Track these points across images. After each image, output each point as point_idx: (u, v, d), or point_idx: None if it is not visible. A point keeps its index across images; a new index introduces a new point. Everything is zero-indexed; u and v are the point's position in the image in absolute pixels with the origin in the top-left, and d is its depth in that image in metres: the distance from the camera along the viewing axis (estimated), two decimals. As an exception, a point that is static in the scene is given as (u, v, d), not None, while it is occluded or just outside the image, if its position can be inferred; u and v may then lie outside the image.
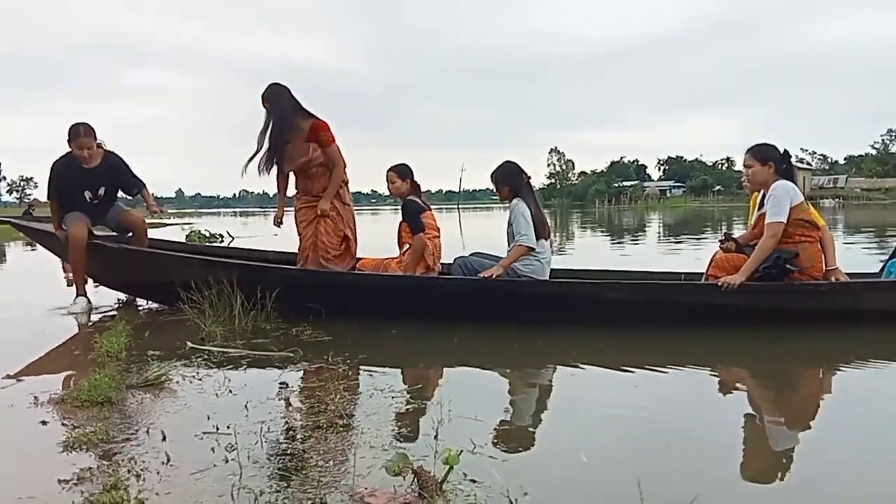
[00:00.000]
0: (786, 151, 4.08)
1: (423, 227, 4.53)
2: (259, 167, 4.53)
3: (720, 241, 4.35)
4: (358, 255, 4.88)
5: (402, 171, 4.75)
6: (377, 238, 5.01)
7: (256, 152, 4.54)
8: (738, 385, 3.14)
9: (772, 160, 3.98)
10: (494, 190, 4.55)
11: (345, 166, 4.69)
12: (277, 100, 4.52)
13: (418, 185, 4.79)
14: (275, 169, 4.62)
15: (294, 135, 4.50)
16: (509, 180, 4.44)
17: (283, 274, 4.50)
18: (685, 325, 3.93)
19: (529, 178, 4.49)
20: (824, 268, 3.94)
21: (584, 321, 3.99)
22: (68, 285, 6.38)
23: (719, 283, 3.81)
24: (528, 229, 4.22)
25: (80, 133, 4.86)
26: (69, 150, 4.89)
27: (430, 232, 4.60)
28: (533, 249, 4.23)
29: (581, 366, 3.26)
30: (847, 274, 4.05)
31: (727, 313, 3.88)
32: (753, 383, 3.17)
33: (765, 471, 2.07)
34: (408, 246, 4.57)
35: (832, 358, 3.51)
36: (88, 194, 4.98)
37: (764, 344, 3.74)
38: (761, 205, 4.07)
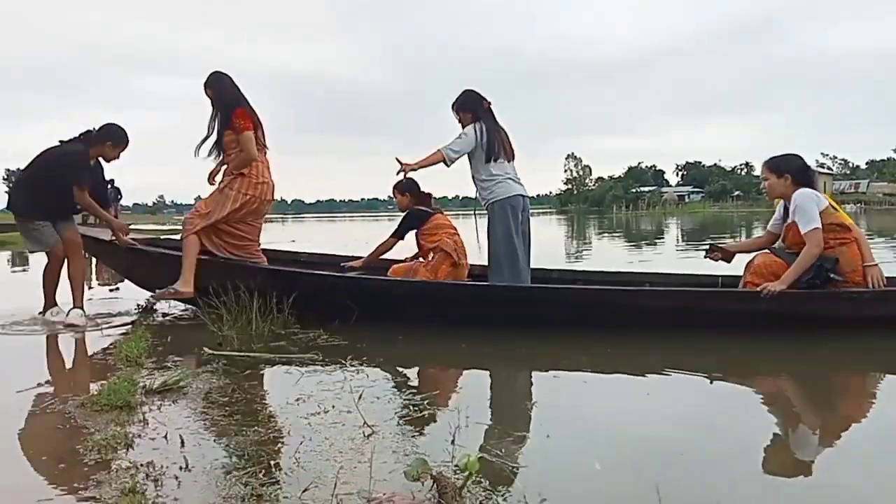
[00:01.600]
0: (802, 165, 4.03)
1: (403, 235, 4.84)
2: (201, 150, 4.62)
3: (705, 251, 4.34)
4: (386, 258, 4.99)
5: (401, 188, 4.97)
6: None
7: (206, 137, 4.61)
8: (755, 390, 3.09)
9: (787, 172, 3.95)
10: (457, 120, 4.60)
11: (254, 161, 4.47)
12: (220, 87, 4.54)
13: (425, 195, 4.98)
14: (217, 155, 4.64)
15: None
16: (471, 107, 4.54)
17: (318, 279, 4.52)
18: (722, 332, 3.82)
19: (490, 103, 4.56)
20: (863, 262, 3.83)
21: (621, 328, 3.91)
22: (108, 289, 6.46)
23: (760, 290, 3.73)
24: (459, 145, 4.38)
25: (128, 141, 4.81)
26: (96, 147, 4.67)
27: (447, 230, 4.79)
28: (447, 163, 4.35)
29: (592, 372, 3.25)
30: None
31: (768, 321, 3.79)
32: (773, 389, 3.13)
33: (784, 481, 2.02)
34: (433, 256, 4.72)
35: (859, 364, 3.46)
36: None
37: (785, 348, 3.68)
38: (785, 213, 4.02)
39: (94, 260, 7.22)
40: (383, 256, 5.05)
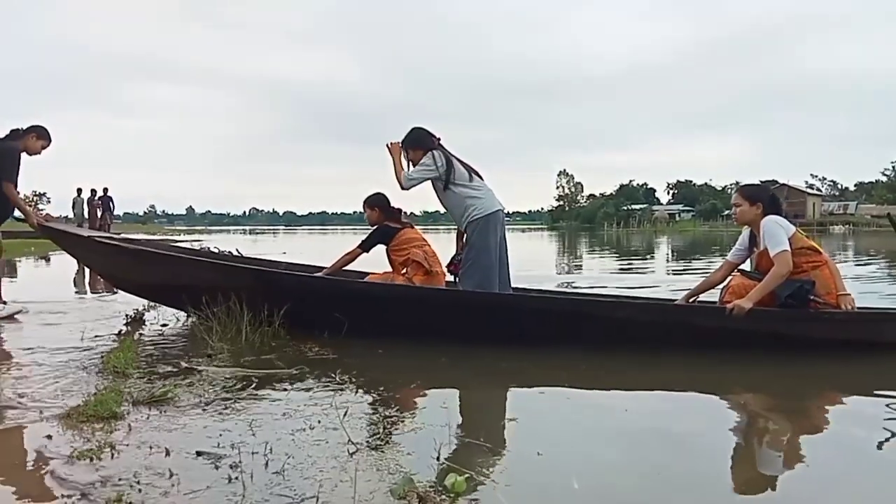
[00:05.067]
0: (774, 196, 4.16)
1: (369, 248, 4.84)
2: None
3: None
4: (364, 271, 4.96)
5: (370, 203, 5.04)
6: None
7: None
8: (729, 406, 3.15)
9: (760, 201, 4.04)
10: (408, 159, 4.63)
11: None
12: None
13: (395, 210, 5.02)
14: None
15: None
16: (422, 144, 4.58)
17: (301, 282, 4.52)
18: (693, 349, 3.89)
19: (439, 139, 4.63)
20: (836, 291, 3.90)
21: (590, 341, 3.95)
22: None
23: (727, 308, 3.79)
24: (417, 172, 4.49)
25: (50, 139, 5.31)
26: (20, 140, 5.23)
27: (416, 242, 4.83)
28: (402, 185, 4.48)
29: (572, 388, 3.26)
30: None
31: (738, 339, 3.84)
32: (746, 404, 3.20)
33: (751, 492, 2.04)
34: (406, 270, 4.74)
35: (830, 381, 3.52)
36: None
37: (757, 364, 3.75)
38: (751, 242, 4.12)
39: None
40: (358, 269, 5.05)
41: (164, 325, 4.80)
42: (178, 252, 5.42)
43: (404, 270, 4.74)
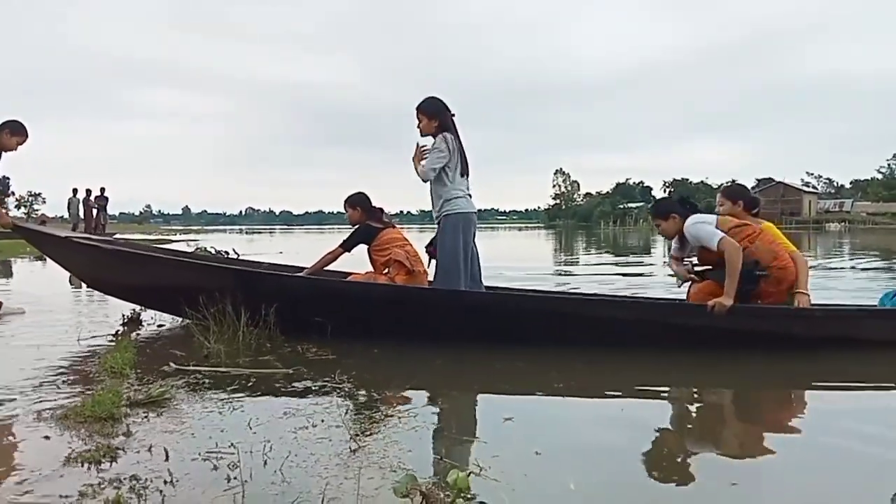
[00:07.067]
0: (683, 198, 4.36)
1: (351, 248, 4.78)
2: None
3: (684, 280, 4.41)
4: (346, 271, 4.94)
5: (351, 202, 4.98)
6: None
7: None
8: (720, 407, 3.16)
9: (672, 212, 4.20)
10: (418, 124, 4.51)
11: None
12: None
13: (377, 210, 4.97)
14: None
15: None
16: (437, 114, 4.48)
17: (281, 282, 4.47)
18: (673, 346, 3.91)
19: (454, 115, 4.53)
20: (795, 287, 3.97)
21: (572, 340, 3.96)
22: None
23: (708, 306, 3.79)
24: (436, 163, 4.36)
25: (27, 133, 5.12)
26: None
27: (398, 242, 4.79)
28: (424, 180, 4.43)
29: (568, 388, 3.26)
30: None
31: (716, 336, 3.86)
32: (735, 406, 3.20)
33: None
34: (388, 270, 4.72)
35: (826, 380, 3.51)
36: None
37: (745, 365, 3.75)
38: (682, 243, 4.22)
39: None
40: (338, 269, 5.02)
41: (160, 326, 4.78)
42: (156, 252, 5.33)
43: (386, 270, 4.71)
